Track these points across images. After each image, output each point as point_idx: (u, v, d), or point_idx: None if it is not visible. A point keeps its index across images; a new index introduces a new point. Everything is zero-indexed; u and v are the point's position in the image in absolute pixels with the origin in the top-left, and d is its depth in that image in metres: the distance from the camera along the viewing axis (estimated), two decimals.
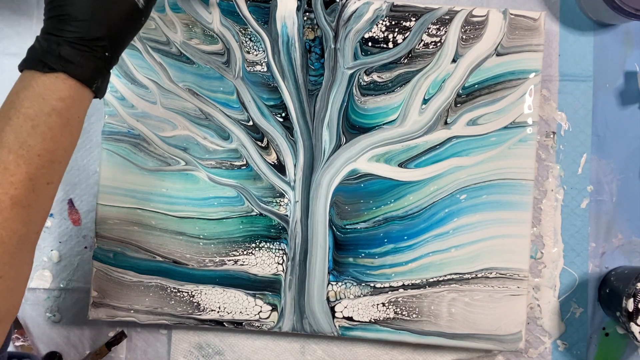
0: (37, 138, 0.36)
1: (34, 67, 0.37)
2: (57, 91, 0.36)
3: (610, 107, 0.59)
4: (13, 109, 0.36)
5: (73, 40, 0.36)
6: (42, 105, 0.36)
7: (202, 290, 0.56)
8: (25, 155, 0.35)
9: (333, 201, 0.56)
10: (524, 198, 0.55)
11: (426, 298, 0.55)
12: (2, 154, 0.35)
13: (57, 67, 0.36)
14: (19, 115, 0.36)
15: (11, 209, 0.35)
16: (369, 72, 0.56)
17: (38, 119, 0.36)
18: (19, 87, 0.37)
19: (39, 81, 0.36)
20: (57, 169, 0.37)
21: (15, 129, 0.35)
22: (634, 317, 0.51)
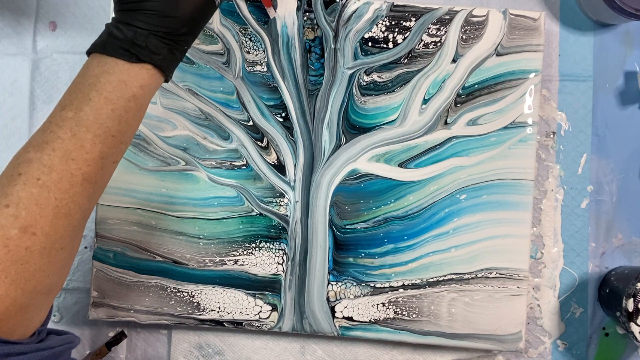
0: (115, 120, 0.38)
1: (117, 55, 0.38)
2: (139, 79, 0.38)
3: (610, 107, 0.59)
4: (94, 91, 0.37)
5: (162, 35, 0.39)
6: (124, 91, 0.38)
7: (202, 290, 0.56)
8: (101, 135, 0.37)
9: (333, 201, 0.56)
10: (524, 198, 0.55)
11: (426, 298, 0.55)
12: (80, 131, 0.36)
13: (146, 58, 0.38)
14: (100, 97, 0.37)
15: (81, 184, 0.36)
16: (369, 72, 0.56)
17: (118, 103, 0.38)
18: (99, 71, 0.38)
19: (123, 68, 0.38)
20: (123, 149, 0.39)
21: (96, 110, 0.37)
22: (634, 317, 0.51)
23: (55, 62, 0.60)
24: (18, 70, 0.60)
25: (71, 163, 0.36)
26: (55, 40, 0.60)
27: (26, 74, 0.60)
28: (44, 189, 0.35)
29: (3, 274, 0.33)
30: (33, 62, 0.60)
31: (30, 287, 0.34)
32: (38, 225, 0.34)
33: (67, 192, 0.36)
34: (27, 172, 0.35)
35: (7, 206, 0.34)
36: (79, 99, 0.37)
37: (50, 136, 0.36)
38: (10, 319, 0.34)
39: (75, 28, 0.60)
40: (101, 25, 0.60)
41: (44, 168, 0.35)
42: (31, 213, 0.34)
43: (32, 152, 0.36)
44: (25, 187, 0.34)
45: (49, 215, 0.35)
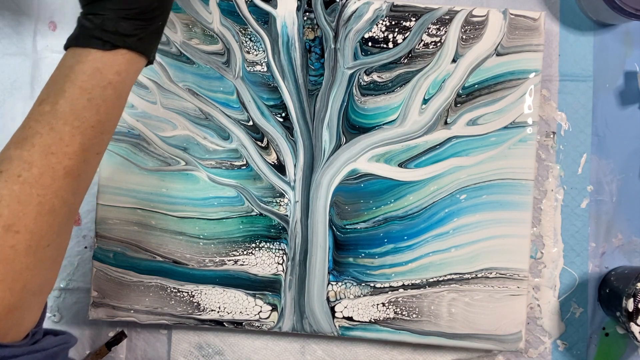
0: (92, 110, 0.37)
1: (88, 44, 0.37)
2: (115, 65, 0.38)
3: (610, 107, 0.59)
4: (68, 82, 0.37)
5: (132, 16, 0.38)
6: (99, 79, 0.37)
7: (202, 290, 0.56)
8: (80, 126, 0.36)
9: (333, 201, 0.56)
10: (524, 198, 0.55)
11: (426, 298, 0.55)
12: (58, 124, 0.36)
13: (120, 43, 0.37)
14: (75, 88, 0.36)
15: (64, 178, 0.36)
16: (369, 72, 0.56)
17: (94, 92, 0.37)
18: (72, 62, 0.37)
19: (97, 56, 0.37)
20: (105, 140, 0.39)
21: (71, 102, 0.36)
22: (634, 317, 0.51)
23: (56, 62, 0.59)
24: (18, 70, 0.60)
25: (51, 157, 0.35)
26: (55, 40, 0.60)
27: (26, 74, 0.60)
28: (25, 185, 0.34)
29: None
30: (33, 62, 0.60)
31: (18, 287, 0.34)
32: (21, 222, 0.34)
33: (50, 188, 0.35)
34: (8, 170, 0.34)
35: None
36: (54, 91, 0.37)
37: (28, 132, 0.36)
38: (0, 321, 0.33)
39: None
40: None
41: (24, 164, 0.35)
42: (13, 211, 0.34)
43: (12, 149, 0.35)
44: (7, 185, 0.34)
45: (32, 212, 0.34)
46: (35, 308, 0.36)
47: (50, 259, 0.36)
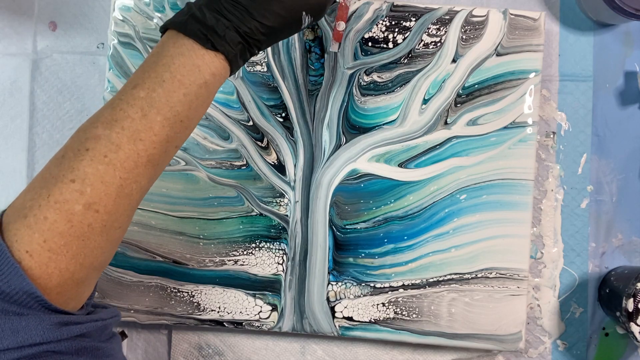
0: (185, 105, 0.37)
1: (194, 37, 0.37)
2: (212, 67, 0.38)
3: (610, 107, 0.59)
4: (168, 72, 0.37)
5: (242, 33, 0.38)
6: (197, 76, 0.37)
7: (202, 290, 0.56)
8: (171, 119, 0.37)
9: (333, 201, 0.56)
10: (524, 198, 0.55)
11: (426, 298, 0.55)
12: (151, 112, 0.36)
13: (221, 49, 0.38)
14: (174, 80, 0.37)
15: (145, 165, 0.36)
16: (369, 72, 0.56)
17: (190, 88, 0.37)
18: (175, 52, 0.37)
19: (199, 53, 0.37)
20: (187, 135, 0.39)
21: (168, 92, 0.36)
22: (634, 317, 0.51)
23: (55, 62, 0.60)
24: (18, 70, 0.60)
25: (139, 143, 0.35)
26: (55, 40, 0.60)
27: (26, 74, 0.60)
28: (110, 166, 0.34)
29: (65, 248, 0.33)
30: (33, 62, 0.60)
31: (88, 263, 0.35)
32: (102, 202, 0.34)
33: (132, 172, 0.35)
34: (95, 148, 0.34)
35: (72, 181, 0.34)
36: (151, 78, 0.37)
37: (120, 114, 0.35)
38: (67, 292, 0.34)
39: (75, 28, 0.60)
40: (101, 25, 0.60)
41: (111, 145, 0.35)
42: (96, 190, 0.34)
43: (100, 128, 0.35)
44: (92, 164, 0.34)
45: (113, 193, 0.35)
46: (93, 282, 0.37)
47: (117, 239, 0.37)
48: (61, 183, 0.34)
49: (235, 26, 0.38)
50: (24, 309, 0.32)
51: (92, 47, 0.60)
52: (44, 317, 0.32)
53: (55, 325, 0.33)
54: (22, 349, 0.31)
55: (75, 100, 0.60)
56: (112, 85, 0.56)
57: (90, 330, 0.35)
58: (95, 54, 0.60)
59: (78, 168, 0.34)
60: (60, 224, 0.33)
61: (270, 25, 0.39)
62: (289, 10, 0.40)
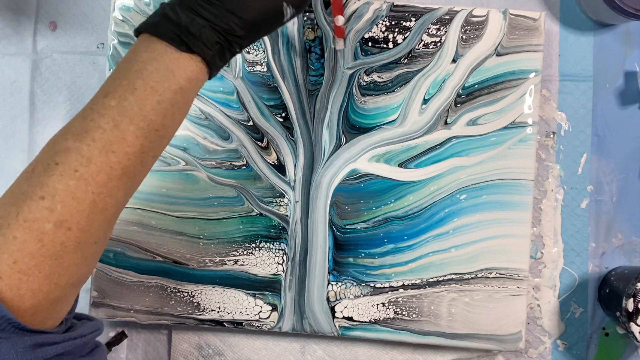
0: (159, 114, 0.35)
1: (167, 39, 0.35)
2: (188, 71, 0.36)
3: (610, 107, 0.59)
4: (140, 79, 0.35)
5: (218, 30, 0.36)
6: (171, 82, 0.35)
7: (202, 290, 0.56)
8: (144, 128, 0.35)
9: (333, 201, 0.56)
10: (524, 198, 0.55)
11: (426, 298, 0.55)
12: (123, 122, 0.34)
13: (197, 49, 0.36)
14: (147, 87, 0.35)
15: (120, 178, 0.34)
16: (369, 72, 0.56)
17: (164, 95, 0.35)
18: (147, 57, 0.35)
19: (172, 57, 0.35)
20: (164, 144, 0.37)
21: (140, 101, 0.35)
22: (634, 317, 0.51)
23: (55, 62, 0.60)
24: (18, 70, 0.60)
25: (111, 156, 0.34)
26: (55, 40, 0.60)
27: (26, 74, 0.60)
28: (82, 181, 0.33)
29: (37, 269, 0.32)
30: (33, 62, 0.60)
31: (63, 282, 0.33)
32: (74, 219, 0.33)
33: (105, 186, 0.34)
34: (65, 162, 0.33)
35: (42, 198, 0.32)
36: (123, 86, 0.35)
37: (90, 125, 0.34)
38: (42, 312, 0.33)
39: (75, 28, 0.60)
40: (101, 25, 0.60)
41: (82, 159, 0.33)
42: (67, 207, 0.32)
43: (70, 140, 0.33)
44: (62, 179, 0.32)
45: (86, 209, 0.33)
46: (72, 298, 0.36)
47: (94, 255, 0.35)
48: (30, 200, 0.32)
49: (211, 24, 0.36)
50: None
51: (92, 47, 0.60)
52: (17, 340, 0.31)
53: (30, 348, 0.31)
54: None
55: (75, 100, 0.60)
56: None
57: (69, 349, 0.34)
58: (95, 54, 0.60)
59: (47, 184, 0.32)
60: (31, 243, 0.32)
61: (250, 20, 0.37)
62: (268, 2, 0.38)
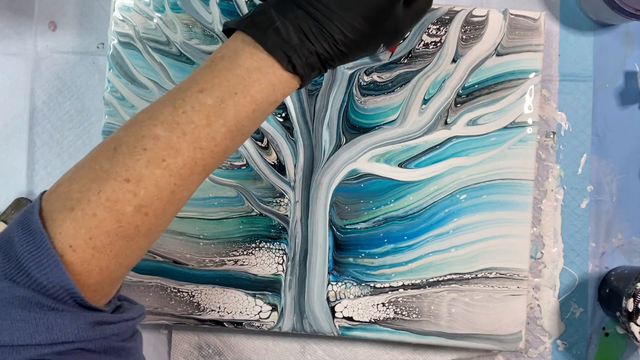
0: (251, 121, 0.36)
1: (276, 55, 0.35)
2: (286, 88, 0.36)
3: (610, 107, 0.59)
4: (242, 85, 0.35)
5: (323, 58, 0.36)
6: (270, 95, 0.36)
7: (202, 290, 0.56)
8: (234, 132, 0.35)
9: (333, 201, 0.56)
10: (524, 198, 0.55)
11: (426, 298, 0.55)
12: (217, 123, 0.34)
13: (301, 72, 0.36)
14: (247, 95, 0.35)
15: (199, 174, 0.35)
16: (369, 72, 0.56)
17: (261, 106, 0.36)
18: (251, 66, 0.35)
19: (277, 73, 0.35)
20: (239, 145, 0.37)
21: (238, 107, 0.35)
22: (634, 317, 0.51)
23: (55, 62, 0.60)
24: (18, 70, 0.60)
25: (198, 152, 0.34)
26: (55, 40, 0.60)
27: (26, 74, 0.60)
28: (167, 171, 0.33)
29: (109, 247, 0.32)
30: (33, 62, 0.60)
31: (127, 263, 0.34)
32: (152, 206, 0.33)
33: (186, 180, 0.34)
34: (153, 150, 0.33)
35: (127, 181, 0.32)
36: (222, 87, 0.35)
37: (182, 117, 0.34)
38: (102, 290, 0.33)
39: (75, 28, 0.60)
40: (101, 25, 0.60)
41: (171, 150, 0.33)
42: (149, 194, 0.33)
43: (160, 128, 0.33)
44: (149, 166, 0.33)
45: (164, 199, 0.34)
46: (123, 279, 0.37)
47: (154, 241, 0.36)
48: (114, 181, 0.32)
49: (320, 54, 0.36)
50: (59, 304, 0.31)
51: (92, 47, 0.60)
52: (79, 315, 0.32)
53: (90, 325, 0.32)
54: (54, 345, 0.30)
55: (75, 100, 0.60)
56: (112, 85, 0.56)
57: (122, 331, 0.35)
58: (95, 54, 0.60)
59: (134, 168, 0.33)
60: (109, 222, 0.32)
61: (349, 53, 0.37)
62: (371, 42, 0.38)
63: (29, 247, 0.31)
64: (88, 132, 0.60)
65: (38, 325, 0.30)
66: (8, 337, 0.30)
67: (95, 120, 0.60)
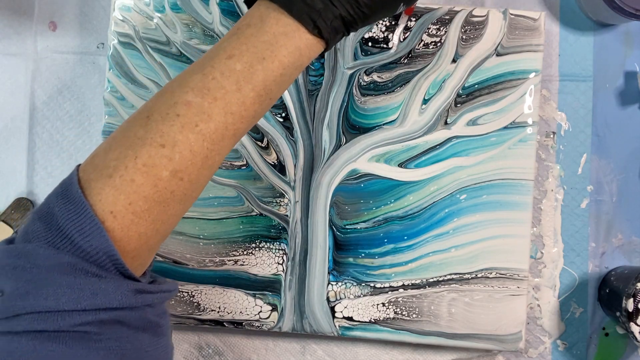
0: (278, 85, 0.36)
1: (302, 20, 0.35)
2: (312, 52, 0.37)
3: (610, 107, 0.59)
4: (269, 50, 0.35)
5: (347, 21, 0.36)
6: (297, 59, 0.36)
7: (202, 290, 0.56)
8: (263, 96, 0.36)
9: (333, 201, 0.56)
10: (524, 198, 0.55)
11: (426, 298, 0.55)
12: (246, 88, 0.35)
13: (326, 36, 0.36)
14: (275, 60, 0.35)
15: (230, 138, 0.35)
16: (369, 72, 0.56)
17: (288, 70, 0.36)
18: (278, 31, 0.35)
19: (303, 37, 0.36)
20: (267, 110, 0.38)
21: (266, 72, 0.35)
22: (633, 317, 0.51)
23: (55, 62, 0.60)
24: (18, 70, 0.60)
25: (229, 117, 0.34)
26: (55, 40, 0.60)
27: (26, 74, 0.60)
28: (200, 136, 0.34)
29: (147, 212, 0.33)
30: (33, 62, 0.60)
31: (162, 230, 0.34)
32: (187, 171, 0.34)
33: (218, 144, 0.35)
34: (186, 115, 0.33)
35: (162, 146, 0.33)
36: (250, 52, 0.35)
37: (212, 83, 0.34)
38: (140, 257, 0.34)
39: (75, 28, 0.60)
40: (101, 25, 0.60)
41: (203, 115, 0.34)
42: (184, 158, 0.33)
43: (191, 94, 0.34)
44: (183, 131, 0.33)
45: (198, 163, 0.34)
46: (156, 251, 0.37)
47: (187, 209, 0.36)
48: (149, 146, 0.33)
49: (345, 14, 0.36)
50: (101, 270, 0.31)
51: (92, 47, 0.60)
52: (121, 282, 0.32)
53: (132, 292, 0.32)
54: (98, 312, 0.31)
55: (75, 100, 0.60)
56: (112, 85, 0.56)
57: (157, 302, 0.34)
58: (95, 54, 0.60)
59: (168, 133, 0.33)
60: (147, 187, 0.32)
61: (371, 15, 0.37)
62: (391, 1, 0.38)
63: (70, 215, 0.31)
64: (88, 132, 0.60)
65: (83, 290, 0.30)
66: (54, 302, 0.30)
67: (95, 120, 0.60)
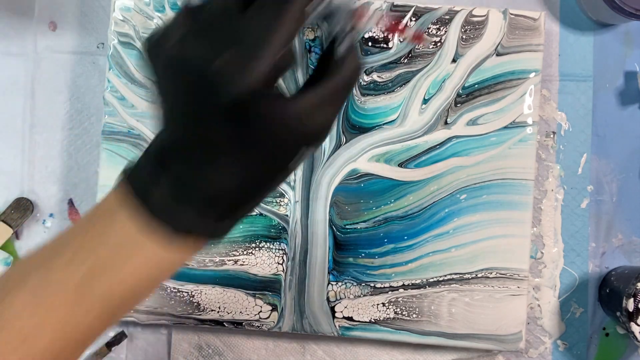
0: (127, 302, 0.30)
1: (160, 216, 0.28)
2: (181, 261, 0.31)
3: (610, 107, 0.59)
4: (113, 259, 0.28)
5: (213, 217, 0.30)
6: (153, 271, 0.30)
7: (202, 290, 0.56)
8: (104, 315, 0.30)
9: (333, 201, 0.56)
10: (524, 198, 0.55)
11: (426, 298, 0.55)
12: (85, 305, 0.29)
13: (200, 230, 0.29)
14: (119, 272, 0.29)
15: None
16: (369, 72, 0.56)
17: (141, 283, 0.30)
18: (123, 240, 0.28)
19: (160, 249, 0.29)
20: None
21: (110, 286, 0.29)
22: (634, 317, 0.51)
23: (55, 62, 0.60)
24: (18, 70, 0.60)
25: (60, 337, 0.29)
26: (55, 40, 0.60)
27: (26, 74, 0.60)
28: None
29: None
30: (33, 62, 0.60)
31: None
32: None
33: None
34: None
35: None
36: (92, 260, 0.28)
37: (44, 295, 0.29)
38: None
39: (75, 28, 0.60)
40: (101, 25, 0.60)
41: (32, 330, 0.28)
42: None
43: (19, 306, 0.28)
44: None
45: None
46: None
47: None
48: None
49: (202, 213, 0.29)
50: None
51: (92, 47, 0.60)
52: None
53: None
54: None
55: (75, 100, 0.60)
56: (112, 85, 0.56)
57: None
58: (95, 54, 0.60)
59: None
60: None
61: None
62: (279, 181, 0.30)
63: None
64: (88, 132, 0.60)
65: None
66: None
67: (95, 120, 0.60)
